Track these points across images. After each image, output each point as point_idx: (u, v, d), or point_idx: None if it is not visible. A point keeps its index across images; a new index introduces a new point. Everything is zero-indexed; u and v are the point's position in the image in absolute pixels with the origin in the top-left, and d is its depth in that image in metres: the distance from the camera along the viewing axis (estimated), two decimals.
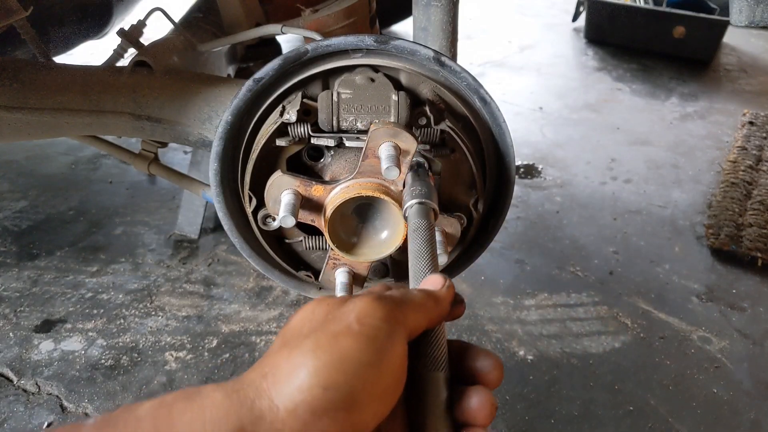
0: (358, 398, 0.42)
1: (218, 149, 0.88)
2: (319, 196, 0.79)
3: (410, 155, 0.75)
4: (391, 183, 0.77)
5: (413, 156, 0.75)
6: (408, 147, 0.74)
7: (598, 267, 2.08)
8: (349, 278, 0.85)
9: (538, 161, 2.72)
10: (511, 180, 0.91)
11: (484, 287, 1.98)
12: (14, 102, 1.11)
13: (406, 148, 0.74)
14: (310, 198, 0.79)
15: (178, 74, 1.19)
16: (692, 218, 2.35)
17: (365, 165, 0.76)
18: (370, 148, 0.75)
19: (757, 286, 2.01)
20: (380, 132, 0.73)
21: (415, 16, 1.19)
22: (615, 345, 1.78)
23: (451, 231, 0.82)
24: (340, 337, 0.43)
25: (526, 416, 1.56)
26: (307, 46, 0.84)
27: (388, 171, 0.70)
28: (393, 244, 0.79)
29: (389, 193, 0.76)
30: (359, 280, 0.87)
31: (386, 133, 0.73)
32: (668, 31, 3.71)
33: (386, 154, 0.72)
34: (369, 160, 0.75)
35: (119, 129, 1.18)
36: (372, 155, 0.75)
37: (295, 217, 0.75)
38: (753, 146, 2.76)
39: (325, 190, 0.79)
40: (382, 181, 0.76)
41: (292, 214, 0.75)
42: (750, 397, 1.62)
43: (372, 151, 0.74)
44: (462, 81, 0.86)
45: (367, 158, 0.75)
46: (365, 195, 0.76)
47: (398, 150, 0.73)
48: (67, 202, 2.35)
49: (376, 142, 0.74)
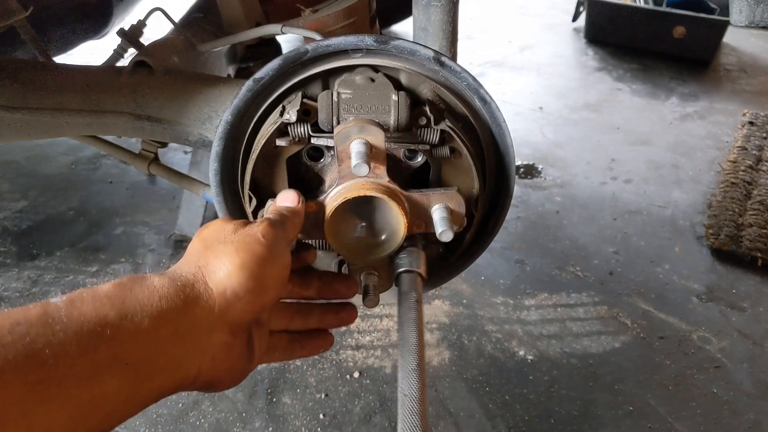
0: (265, 284, 0.59)
1: (218, 149, 0.88)
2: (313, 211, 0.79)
3: (381, 147, 0.74)
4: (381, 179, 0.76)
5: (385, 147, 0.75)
6: (376, 140, 0.74)
7: (598, 267, 2.08)
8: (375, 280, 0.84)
9: (538, 161, 2.72)
10: (511, 180, 0.91)
11: (484, 287, 1.98)
12: (14, 102, 1.11)
13: (375, 142, 0.74)
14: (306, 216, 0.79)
15: (178, 74, 1.19)
16: (692, 218, 2.35)
17: (344, 169, 0.76)
18: (341, 150, 0.74)
19: (757, 286, 2.01)
20: (343, 133, 0.73)
21: (415, 16, 1.18)
22: (615, 345, 1.78)
23: (455, 206, 0.81)
24: (253, 244, 0.60)
25: (525, 416, 1.56)
26: (307, 46, 0.84)
27: (357, 168, 0.71)
28: (392, 245, 0.79)
29: (382, 189, 0.76)
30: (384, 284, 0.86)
31: (352, 131, 0.73)
32: (668, 31, 3.71)
33: (354, 151, 0.72)
34: (345, 162, 0.75)
35: (119, 129, 1.17)
36: (346, 157, 0.74)
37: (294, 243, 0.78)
38: (753, 146, 2.76)
39: (317, 206, 0.79)
40: (371, 179, 0.76)
41: None
42: (750, 398, 1.62)
43: (345, 153, 0.74)
44: (462, 81, 0.86)
45: (343, 161, 0.75)
46: (358, 196, 0.75)
47: (369, 145, 0.73)
48: (67, 202, 2.35)
49: (344, 143, 0.74)
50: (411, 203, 0.79)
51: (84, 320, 0.47)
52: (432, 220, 0.79)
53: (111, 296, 0.51)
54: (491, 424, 1.55)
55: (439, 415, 1.58)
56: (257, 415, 1.58)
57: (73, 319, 0.47)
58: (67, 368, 0.44)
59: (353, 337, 1.81)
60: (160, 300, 0.53)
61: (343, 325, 0.80)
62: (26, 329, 0.44)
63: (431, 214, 0.79)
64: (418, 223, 0.80)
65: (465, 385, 1.65)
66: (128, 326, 0.49)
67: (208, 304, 0.56)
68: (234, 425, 1.56)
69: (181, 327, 0.53)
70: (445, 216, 0.78)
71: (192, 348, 0.55)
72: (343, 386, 1.66)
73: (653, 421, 1.56)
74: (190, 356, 0.55)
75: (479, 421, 1.56)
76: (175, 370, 0.54)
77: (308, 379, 1.68)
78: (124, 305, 0.50)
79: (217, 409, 1.59)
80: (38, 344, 0.44)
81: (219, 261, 0.58)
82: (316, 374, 1.69)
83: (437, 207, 0.79)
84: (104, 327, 0.48)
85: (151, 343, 0.51)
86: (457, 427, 1.55)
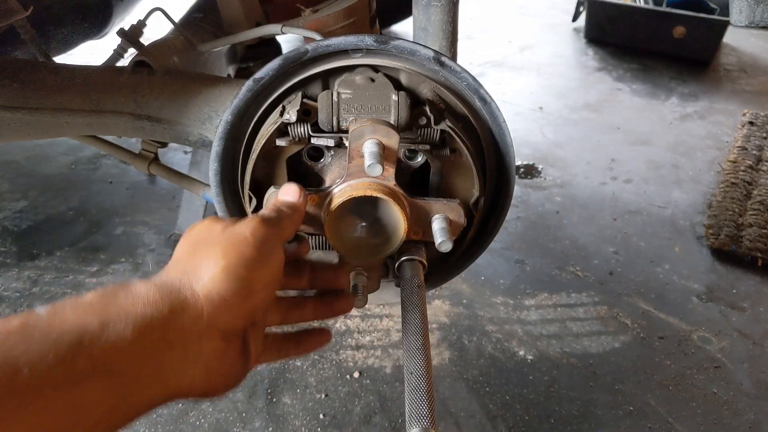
0: (253, 287, 0.57)
1: (218, 149, 0.88)
2: (314, 204, 0.79)
3: (394, 149, 0.74)
4: (389, 181, 0.76)
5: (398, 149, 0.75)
6: (390, 141, 0.73)
7: (598, 267, 2.08)
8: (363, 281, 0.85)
9: (538, 161, 2.72)
10: (511, 180, 0.91)
11: (484, 287, 1.98)
12: (14, 102, 1.11)
13: (389, 143, 0.73)
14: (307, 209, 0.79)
15: (179, 74, 1.19)
16: (692, 218, 2.35)
17: (353, 167, 0.75)
18: (353, 148, 0.74)
19: (757, 286, 2.01)
20: (359, 131, 0.73)
21: (415, 16, 1.18)
22: (615, 345, 1.78)
23: (454, 217, 0.81)
24: (240, 245, 0.58)
25: (525, 416, 1.56)
26: (307, 46, 0.84)
27: (371, 168, 0.70)
28: (389, 248, 0.79)
29: (388, 192, 0.76)
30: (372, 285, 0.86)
31: (366, 131, 0.73)
32: (668, 31, 3.71)
33: (368, 151, 0.72)
34: (356, 161, 0.75)
35: (119, 129, 1.17)
36: (357, 155, 0.74)
37: None
38: (753, 146, 2.76)
39: (320, 198, 0.78)
40: (378, 180, 0.76)
41: None
42: (750, 398, 1.62)
43: (356, 152, 0.74)
44: (462, 81, 0.86)
45: (353, 159, 0.75)
46: (364, 195, 0.75)
47: (382, 146, 0.73)
48: (67, 202, 2.35)
49: (359, 141, 0.74)
50: (412, 209, 0.79)
51: (64, 329, 0.46)
52: (430, 228, 0.79)
53: (93, 304, 0.50)
54: (491, 424, 1.55)
55: (440, 415, 1.58)
56: (257, 415, 1.58)
57: (54, 327, 0.46)
58: (44, 376, 0.44)
59: (353, 337, 1.81)
60: (144, 307, 0.51)
61: (339, 315, 0.78)
62: (4, 337, 0.44)
63: (431, 222, 0.80)
64: (415, 230, 0.80)
65: (465, 386, 1.65)
66: (109, 334, 0.48)
67: (196, 310, 0.54)
68: (234, 425, 1.56)
69: (167, 335, 0.52)
70: (444, 227, 0.78)
71: (181, 356, 0.53)
72: (343, 386, 1.66)
73: (653, 421, 1.56)
74: (180, 365, 0.53)
75: (479, 421, 1.56)
76: (165, 379, 0.52)
77: (308, 379, 1.68)
78: (106, 313, 0.49)
79: (217, 408, 1.59)
80: (16, 352, 0.44)
81: (205, 264, 0.56)
82: (316, 374, 1.69)
83: (437, 217, 0.79)
84: (83, 335, 0.47)
85: (135, 351, 0.49)
86: (457, 427, 1.55)
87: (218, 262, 0.56)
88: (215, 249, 0.57)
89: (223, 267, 0.55)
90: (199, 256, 0.58)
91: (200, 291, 0.55)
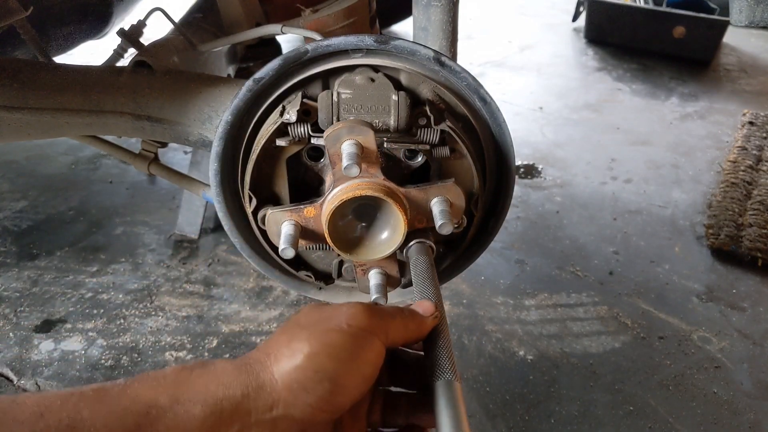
0: (339, 382, 0.51)
1: (218, 149, 0.88)
2: (313, 216, 0.79)
3: (373, 146, 0.74)
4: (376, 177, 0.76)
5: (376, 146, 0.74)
6: (366, 140, 0.73)
7: (598, 267, 2.08)
8: (383, 279, 0.86)
9: (538, 161, 2.72)
10: (511, 180, 0.91)
11: (484, 287, 1.98)
12: (14, 102, 1.11)
13: (366, 141, 0.73)
14: (306, 222, 0.80)
15: (179, 74, 1.19)
16: (692, 218, 2.35)
17: (338, 171, 0.75)
18: (332, 153, 0.74)
19: (757, 286, 2.01)
20: (335, 134, 0.72)
21: (415, 16, 1.18)
22: (615, 345, 1.78)
23: (454, 198, 0.81)
24: (331, 333, 0.53)
25: (526, 416, 1.56)
26: (307, 46, 0.84)
27: (348, 169, 0.70)
28: (394, 243, 0.79)
29: (378, 188, 0.76)
30: (393, 281, 0.87)
31: (342, 132, 0.72)
32: (668, 31, 3.71)
33: (345, 152, 0.72)
34: (338, 165, 0.74)
35: (119, 129, 1.17)
36: (338, 159, 0.74)
37: (294, 248, 0.77)
38: (753, 146, 2.76)
39: (316, 209, 0.79)
40: (367, 179, 0.76)
41: (291, 245, 0.76)
42: (750, 398, 1.62)
43: (337, 155, 0.74)
44: (462, 81, 0.86)
45: (336, 164, 0.75)
46: (353, 197, 0.75)
47: (360, 146, 0.73)
48: (67, 202, 2.35)
49: (335, 145, 0.73)
50: (410, 199, 0.79)
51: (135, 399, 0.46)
52: (432, 214, 0.79)
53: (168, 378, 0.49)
54: (491, 424, 1.55)
55: None
56: None
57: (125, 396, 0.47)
58: None
59: None
60: (218, 387, 0.49)
61: None
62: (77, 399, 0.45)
63: (431, 207, 0.80)
64: (419, 219, 0.80)
65: (465, 385, 1.65)
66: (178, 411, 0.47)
67: (272, 396, 0.50)
68: None
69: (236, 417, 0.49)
70: (444, 209, 0.78)
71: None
72: None
73: (653, 421, 1.56)
74: None
75: (480, 420, 1.56)
76: None
77: None
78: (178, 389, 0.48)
79: None
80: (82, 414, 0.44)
81: (290, 348, 0.53)
82: None
83: (436, 200, 0.79)
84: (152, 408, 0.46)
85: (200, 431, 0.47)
86: None
87: (303, 347, 0.52)
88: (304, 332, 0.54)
89: (308, 354, 0.52)
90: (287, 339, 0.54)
91: (279, 376, 0.51)
